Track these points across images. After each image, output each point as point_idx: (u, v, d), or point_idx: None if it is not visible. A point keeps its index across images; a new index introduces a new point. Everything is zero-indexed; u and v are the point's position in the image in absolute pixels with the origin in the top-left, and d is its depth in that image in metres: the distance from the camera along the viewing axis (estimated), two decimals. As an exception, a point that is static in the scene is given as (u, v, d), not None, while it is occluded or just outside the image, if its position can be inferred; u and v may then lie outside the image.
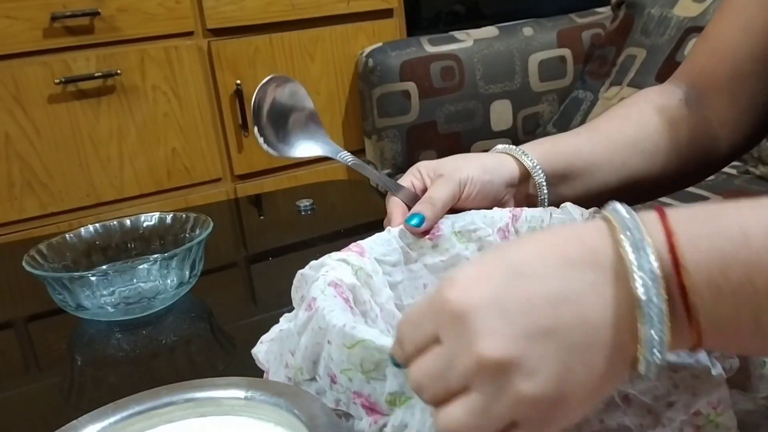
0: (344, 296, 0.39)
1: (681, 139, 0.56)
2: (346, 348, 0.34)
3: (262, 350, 0.42)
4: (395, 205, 0.52)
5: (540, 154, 0.54)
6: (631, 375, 0.30)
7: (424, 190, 0.53)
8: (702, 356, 0.31)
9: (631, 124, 0.56)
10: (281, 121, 0.53)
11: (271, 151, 0.52)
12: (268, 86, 0.52)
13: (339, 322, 0.35)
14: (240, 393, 0.37)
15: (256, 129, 0.51)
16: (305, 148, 0.54)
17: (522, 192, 0.55)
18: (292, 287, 0.43)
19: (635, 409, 0.31)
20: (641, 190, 0.57)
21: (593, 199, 0.55)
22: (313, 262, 0.44)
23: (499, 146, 0.57)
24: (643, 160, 0.55)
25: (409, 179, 0.55)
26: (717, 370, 0.31)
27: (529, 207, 0.52)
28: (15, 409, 0.57)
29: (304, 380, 0.37)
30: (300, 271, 0.43)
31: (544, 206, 0.53)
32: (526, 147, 0.55)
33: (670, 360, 0.31)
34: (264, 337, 0.43)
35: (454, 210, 0.52)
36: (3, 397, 0.58)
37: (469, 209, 0.52)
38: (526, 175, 0.54)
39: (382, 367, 0.33)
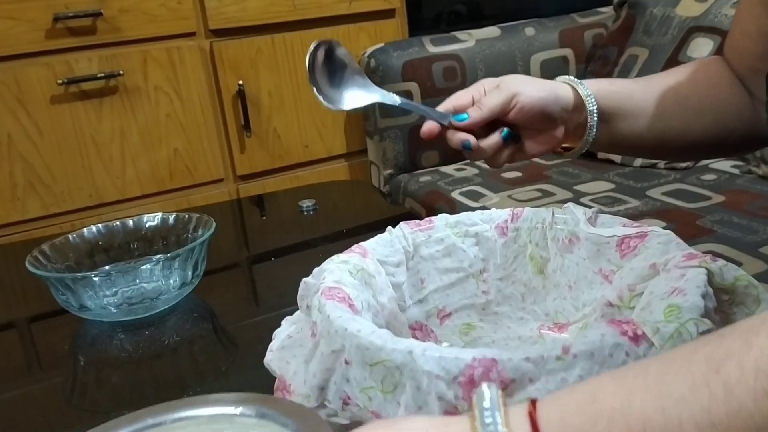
0: (340, 296, 0.39)
1: (729, 106, 0.58)
2: (368, 366, 0.34)
3: (273, 359, 0.42)
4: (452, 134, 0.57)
5: (596, 89, 0.56)
6: None
7: None
8: None
9: (686, 82, 0.58)
10: (333, 79, 0.58)
11: (330, 106, 0.57)
12: (317, 50, 0.56)
13: (358, 339, 0.34)
14: (252, 411, 0.37)
15: (314, 89, 0.56)
16: (356, 98, 0.58)
17: (573, 121, 0.57)
18: (298, 295, 0.43)
19: None
20: (680, 145, 0.59)
21: (635, 145, 0.58)
22: (316, 269, 0.44)
23: (559, 77, 0.60)
24: (689, 118, 0.57)
25: (470, 93, 0.57)
26: None
27: (577, 138, 0.55)
28: (18, 410, 0.57)
29: (311, 407, 0.37)
30: (304, 279, 0.43)
31: (590, 139, 0.56)
32: (585, 81, 0.57)
33: None
34: (272, 345, 0.43)
35: (506, 123, 0.55)
36: (6, 397, 0.59)
37: (522, 125, 0.55)
38: (580, 105, 0.56)
39: (399, 391, 0.33)
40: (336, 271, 0.43)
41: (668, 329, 0.32)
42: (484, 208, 1.16)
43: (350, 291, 0.41)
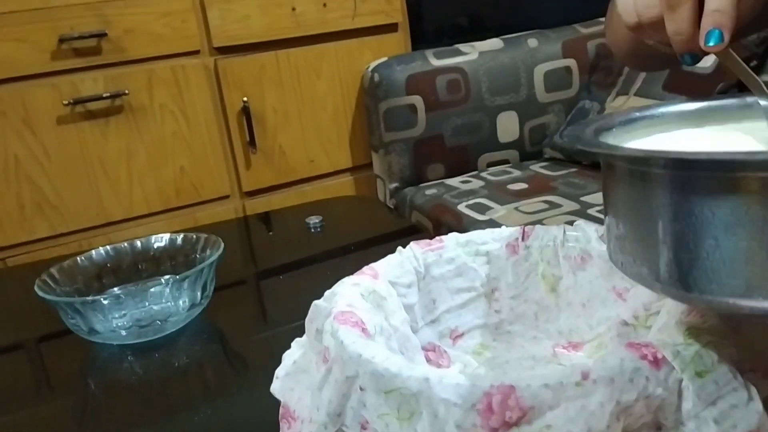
0: (353, 321, 0.38)
1: None
2: (383, 393, 0.33)
3: (278, 386, 0.42)
4: None
5: None
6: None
7: None
8: (739, 382, 0.31)
9: None
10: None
11: None
12: None
13: (373, 366, 0.34)
14: None
15: None
16: None
17: None
18: (307, 318, 0.43)
19: None
20: None
21: None
22: (327, 292, 0.43)
23: None
24: None
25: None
26: (755, 395, 0.31)
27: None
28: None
29: None
30: (315, 302, 0.43)
31: None
32: None
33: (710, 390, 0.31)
34: (279, 371, 0.43)
35: None
36: (15, 419, 0.58)
37: None
38: None
39: (415, 419, 0.32)
40: (348, 294, 0.42)
41: (689, 352, 0.32)
42: (491, 220, 1.16)
43: (363, 315, 0.40)
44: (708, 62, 1.20)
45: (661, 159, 0.31)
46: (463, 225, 1.19)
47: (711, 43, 0.38)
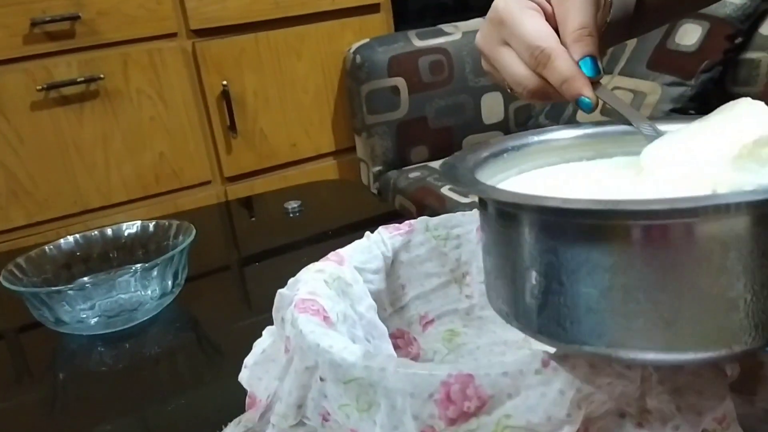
0: (314, 309, 0.37)
1: None
2: (342, 383, 0.32)
3: (245, 375, 0.41)
4: None
5: None
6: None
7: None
8: (704, 368, 0.30)
9: None
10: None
11: None
12: None
13: (331, 356, 0.33)
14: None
15: None
16: None
17: None
18: (273, 307, 0.42)
19: None
20: None
21: None
22: (290, 280, 0.42)
23: None
24: None
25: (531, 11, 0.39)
26: (721, 380, 0.30)
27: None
28: (-5, 429, 0.55)
29: (290, 426, 0.36)
30: (279, 291, 0.42)
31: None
32: None
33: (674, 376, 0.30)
34: (247, 360, 0.42)
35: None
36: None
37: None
38: None
39: (374, 410, 0.31)
40: (311, 282, 0.41)
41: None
42: (474, 203, 1.14)
43: (325, 302, 0.39)
44: (692, 40, 1.18)
45: (515, 203, 0.30)
46: (446, 208, 1.18)
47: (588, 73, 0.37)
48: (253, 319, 0.65)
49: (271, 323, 0.45)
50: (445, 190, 1.24)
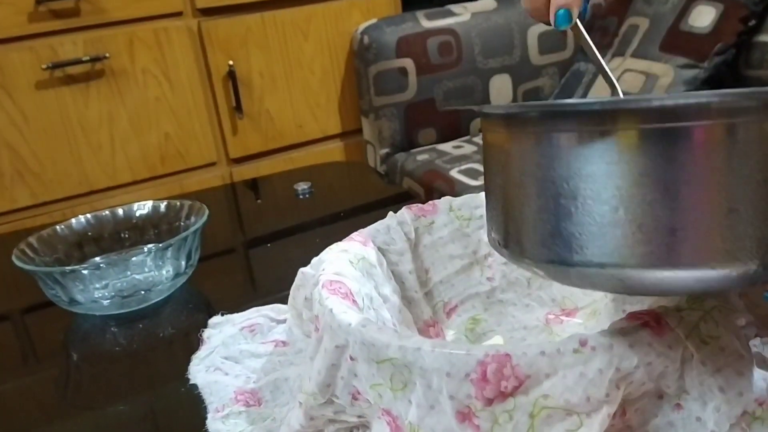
0: (342, 292, 0.36)
1: None
2: (374, 363, 0.32)
3: (200, 372, 0.40)
4: None
5: None
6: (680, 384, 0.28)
7: None
8: (745, 348, 0.29)
9: None
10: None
11: None
12: None
13: (362, 335, 0.32)
14: None
15: None
16: None
17: None
18: (293, 285, 0.41)
19: (683, 418, 0.29)
20: None
21: None
22: (314, 259, 0.41)
23: None
24: None
25: None
26: (761, 361, 0.29)
27: None
28: (10, 405, 0.55)
29: (318, 405, 0.35)
30: (301, 269, 0.41)
31: None
32: None
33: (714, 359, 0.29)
34: (200, 353, 0.41)
35: None
36: (-3, 394, 0.57)
37: None
38: None
39: (409, 389, 0.31)
40: (336, 262, 0.40)
41: (692, 318, 0.30)
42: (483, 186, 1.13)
43: (351, 284, 0.38)
44: (706, 22, 1.17)
45: (529, 112, 0.28)
46: (455, 191, 1.17)
47: (561, 25, 0.41)
48: (266, 299, 0.65)
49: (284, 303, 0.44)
50: (454, 173, 1.23)
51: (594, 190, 0.25)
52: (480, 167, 1.23)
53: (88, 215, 0.72)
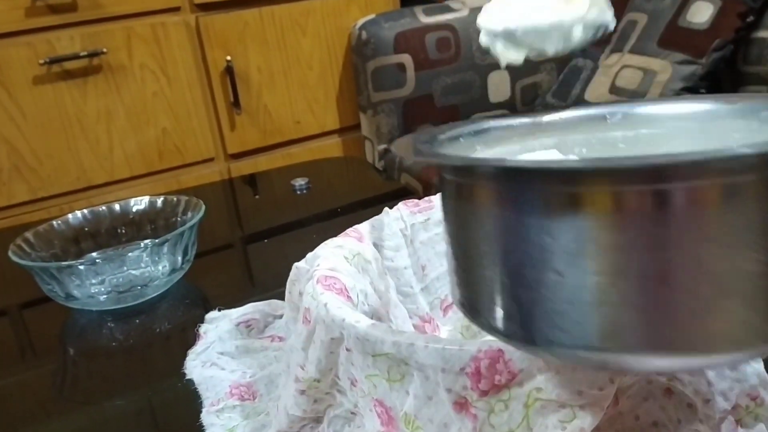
0: (337, 288, 0.36)
1: None
2: (369, 356, 0.32)
3: (197, 367, 0.40)
4: None
5: None
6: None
7: None
8: None
9: None
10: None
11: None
12: None
13: (356, 330, 0.32)
14: None
15: None
16: None
17: None
18: (288, 280, 0.41)
19: (675, 404, 0.29)
20: None
21: None
22: (309, 254, 0.41)
23: None
24: None
25: None
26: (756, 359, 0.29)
27: None
28: (6, 401, 0.55)
29: (322, 386, 0.35)
30: (296, 264, 0.41)
31: None
32: None
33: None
34: (196, 348, 0.41)
35: None
36: (-7, 390, 0.57)
37: None
38: None
39: (407, 380, 0.31)
40: (330, 257, 0.40)
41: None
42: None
43: (346, 279, 0.38)
44: (704, 18, 1.17)
45: (485, 168, 0.24)
46: (452, 186, 1.17)
47: None
48: (263, 295, 0.65)
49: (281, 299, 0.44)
50: (452, 169, 1.23)
51: (568, 263, 0.22)
52: (478, 163, 1.23)
53: (85, 210, 0.72)
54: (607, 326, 0.22)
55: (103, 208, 0.73)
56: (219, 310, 0.58)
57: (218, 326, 0.54)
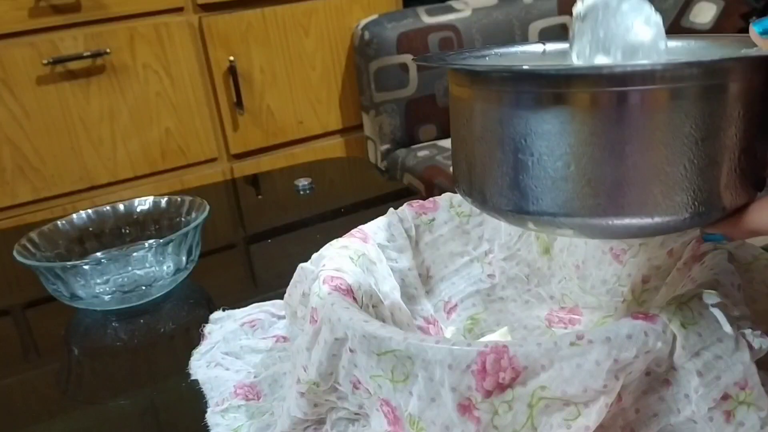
0: (343, 289, 0.37)
1: None
2: (375, 355, 0.32)
3: (201, 367, 0.41)
4: None
5: None
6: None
7: None
8: (726, 330, 0.30)
9: None
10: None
11: None
12: None
13: (363, 328, 0.33)
14: None
15: None
16: None
17: None
18: (292, 281, 0.41)
19: (672, 393, 0.29)
20: None
21: None
22: (314, 255, 0.42)
23: None
24: None
25: None
26: (742, 346, 0.30)
27: None
28: (11, 400, 0.55)
29: (323, 391, 0.36)
30: (301, 265, 0.41)
31: None
32: None
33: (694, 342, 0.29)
34: (201, 348, 0.41)
35: None
36: (-1, 389, 0.57)
37: None
38: None
39: (411, 381, 0.31)
40: (336, 258, 0.40)
41: (672, 304, 0.31)
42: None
43: (352, 280, 0.39)
44: (707, 18, 1.17)
45: (491, 73, 0.31)
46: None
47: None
48: (267, 295, 0.65)
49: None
50: (454, 169, 1.23)
51: (548, 147, 0.28)
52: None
53: (89, 210, 0.72)
54: (576, 196, 0.28)
55: (108, 208, 0.73)
56: (223, 310, 0.59)
57: (223, 326, 0.54)
